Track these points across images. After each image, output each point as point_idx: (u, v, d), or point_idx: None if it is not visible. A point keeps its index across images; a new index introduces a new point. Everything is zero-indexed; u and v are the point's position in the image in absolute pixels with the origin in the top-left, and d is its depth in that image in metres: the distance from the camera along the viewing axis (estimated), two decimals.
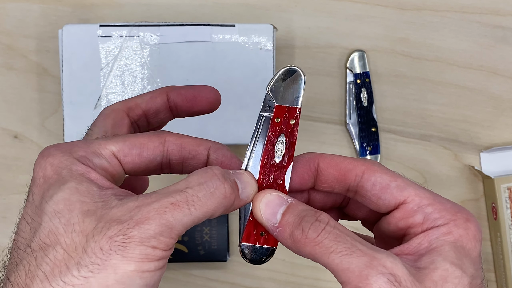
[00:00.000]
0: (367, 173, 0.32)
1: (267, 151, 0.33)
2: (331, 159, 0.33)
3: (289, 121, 0.34)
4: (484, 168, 0.58)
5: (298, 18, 0.58)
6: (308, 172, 0.33)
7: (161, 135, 0.33)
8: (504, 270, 0.56)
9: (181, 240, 0.56)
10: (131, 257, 0.26)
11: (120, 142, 0.32)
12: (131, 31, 0.51)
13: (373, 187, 0.31)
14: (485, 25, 0.58)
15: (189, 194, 0.28)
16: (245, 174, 0.32)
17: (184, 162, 0.34)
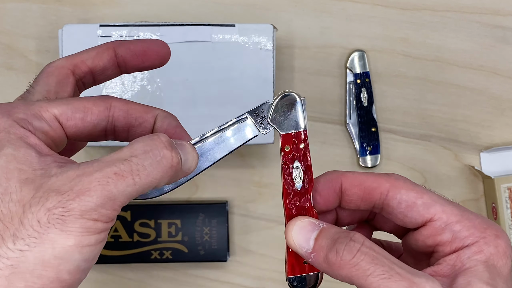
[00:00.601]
0: (392, 190, 0.31)
1: (286, 182, 0.33)
2: (354, 178, 0.32)
3: (299, 145, 0.34)
4: (484, 168, 0.58)
5: (298, 18, 0.58)
6: (332, 194, 0.33)
7: (107, 99, 0.32)
8: None
9: (181, 240, 0.56)
10: (71, 231, 0.25)
11: (63, 105, 0.30)
12: (131, 31, 0.51)
13: (398, 205, 0.31)
14: (485, 25, 0.58)
15: (133, 163, 0.26)
16: (187, 146, 0.31)
17: (129, 129, 0.32)
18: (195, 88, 0.51)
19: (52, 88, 0.33)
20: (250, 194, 0.58)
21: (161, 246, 0.56)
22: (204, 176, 0.58)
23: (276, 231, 0.58)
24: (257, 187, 0.58)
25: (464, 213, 0.29)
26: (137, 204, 0.57)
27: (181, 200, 0.58)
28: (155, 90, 0.51)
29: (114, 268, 0.57)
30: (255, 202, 0.58)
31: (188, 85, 0.51)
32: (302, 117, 0.34)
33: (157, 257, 0.56)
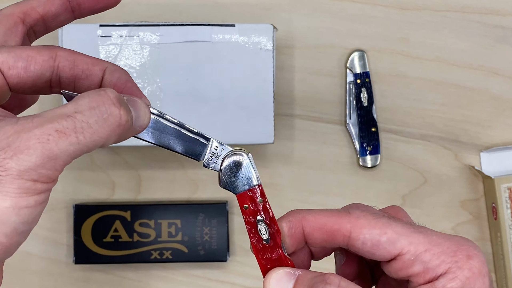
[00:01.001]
0: (354, 231, 0.30)
1: (253, 237, 0.33)
2: (315, 221, 0.31)
3: (257, 201, 0.33)
4: (484, 168, 0.58)
5: (298, 18, 0.58)
6: (296, 239, 0.32)
7: (52, 49, 0.30)
8: (504, 270, 0.56)
9: (181, 240, 0.56)
10: (7, 192, 0.23)
11: (4, 53, 0.28)
12: (131, 31, 0.51)
13: (363, 245, 0.29)
14: (485, 25, 0.58)
15: (77, 120, 0.25)
16: (139, 102, 0.29)
17: (76, 81, 0.30)
18: (195, 88, 0.51)
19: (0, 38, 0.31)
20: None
21: (161, 246, 0.56)
22: (204, 176, 0.58)
23: None
24: None
25: (432, 239, 0.28)
26: (137, 204, 0.57)
27: (181, 200, 0.58)
28: (155, 90, 0.51)
29: (114, 268, 0.57)
30: None
31: (188, 85, 0.51)
32: (253, 173, 0.33)
33: (157, 257, 0.56)
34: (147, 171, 0.58)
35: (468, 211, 0.59)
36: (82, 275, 0.57)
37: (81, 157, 0.58)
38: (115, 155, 0.58)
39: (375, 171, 0.58)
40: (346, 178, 0.58)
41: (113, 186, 0.58)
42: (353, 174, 0.58)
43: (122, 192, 0.58)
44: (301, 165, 0.58)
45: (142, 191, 0.58)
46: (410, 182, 0.58)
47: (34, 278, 0.58)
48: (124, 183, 0.58)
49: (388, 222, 0.29)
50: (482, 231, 0.59)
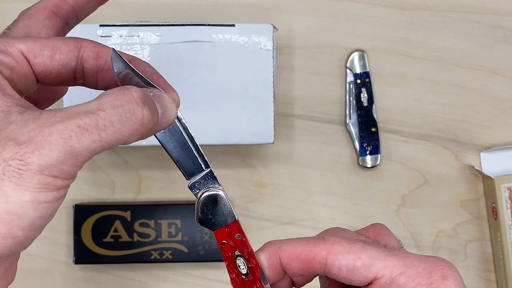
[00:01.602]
0: (329, 258, 0.30)
1: (232, 272, 0.32)
2: (291, 251, 0.31)
3: (234, 237, 0.33)
4: (484, 168, 0.58)
5: (298, 18, 0.58)
6: (275, 270, 0.32)
7: (77, 39, 0.30)
8: (504, 270, 0.56)
9: (181, 240, 0.56)
10: (27, 186, 0.23)
11: (31, 41, 0.28)
12: (131, 31, 0.51)
13: (340, 271, 0.29)
14: (485, 25, 0.58)
15: (100, 118, 0.25)
16: (166, 97, 0.29)
17: (99, 73, 0.30)
18: (195, 88, 0.52)
19: (33, 31, 0.31)
20: (250, 194, 0.58)
21: (161, 246, 0.56)
22: None
23: (276, 231, 0.58)
24: (257, 187, 0.58)
25: (407, 262, 0.28)
26: (137, 204, 0.57)
27: (181, 200, 0.58)
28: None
29: (114, 268, 0.57)
30: (255, 202, 0.58)
31: (188, 85, 0.51)
32: (230, 209, 0.34)
33: (157, 257, 0.56)
34: (147, 171, 0.58)
35: (468, 211, 0.59)
36: (82, 275, 0.58)
37: None
38: (115, 155, 0.58)
39: (375, 171, 0.58)
40: (346, 178, 0.58)
41: (113, 186, 0.58)
42: (353, 174, 0.58)
43: (122, 192, 0.58)
44: (301, 165, 0.58)
45: (142, 191, 0.58)
46: (410, 182, 0.58)
47: (34, 278, 0.58)
48: (124, 183, 0.58)
49: (363, 247, 0.29)
50: (482, 231, 0.59)
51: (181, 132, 0.34)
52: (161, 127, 0.29)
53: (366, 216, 0.58)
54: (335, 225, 0.58)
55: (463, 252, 0.59)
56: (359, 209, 0.58)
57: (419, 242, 0.58)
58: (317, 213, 0.58)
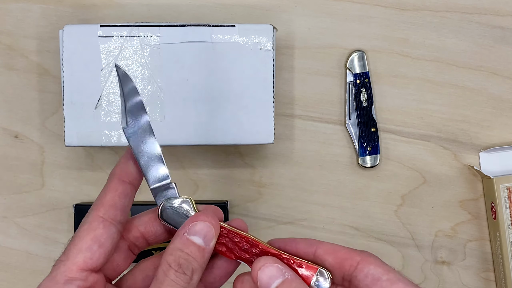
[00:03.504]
0: (361, 263, 0.34)
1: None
2: (329, 247, 0.35)
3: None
4: (484, 168, 0.58)
5: (298, 19, 0.58)
6: (306, 254, 0.35)
7: None
8: (503, 269, 0.56)
9: None
10: None
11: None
12: (132, 32, 0.51)
13: (365, 277, 0.33)
14: (484, 26, 0.58)
15: None
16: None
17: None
18: (195, 89, 0.52)
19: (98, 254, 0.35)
20: (250, 194, 0.58)
21: (161, 245, 0.56)
22: (204, 176, 0.58)
23: (276, 231, 0.58)
24: (257, 187, 0.58)
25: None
26: (137, 204, 0.57)
27: None
28: (155, 90, 0.51)
29: None
30: (255, 202, 0.58)
31: (188, 85, 0.52)
32: (188, 208, 0.37)
33: None
34: None
35: (467, 211, 0.59)
36: None
37: (81, 157, 0.58)
38: (116, 155, 0.58)
39: (375, 171, 0.59)
40: (345, 178, 0.58)
41: None
42: (352, 174, 0.58)
43: None
44: (301, 165, 0.58)
45: (142, 191, 0.58)
46: (410, 182, 0.59)
47: (35, 277, 0.58)
48: None
49: (393, 270, 0.34)
50: (481, 230, 0.59)
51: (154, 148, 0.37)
52: None
53: (365, 216, 0.58)
54: (335, 225, 0.58)
55: (462, 252, 0.59)
56: (358, 209, 0.58)
57: (418, 242, 0.59)
58: (317, 213, 0.58)
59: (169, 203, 0.37)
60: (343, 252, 0.35)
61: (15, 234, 0.58)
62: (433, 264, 0.59)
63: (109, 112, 0.51)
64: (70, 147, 0.54)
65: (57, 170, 0.58)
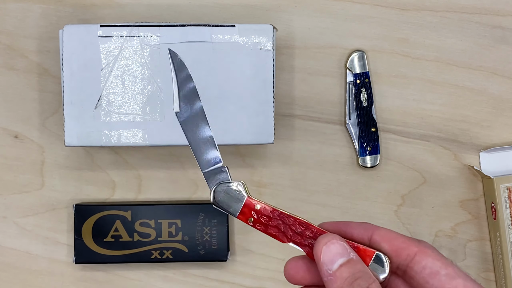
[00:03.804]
0: (419, 255, 0.32)
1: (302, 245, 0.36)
2: (386, 233, 0.34)
3: (255, 209, 0.37)
4: (484, 168, 0.58)
5: (298, 19, 0.58)
6: (361, 239, 0.34)
7: None
8: (503, 269, 0.56)
9: (181, 240, 0.56)
10: None
11: None
12: (132, 32, 0.51)
13: (423, 270, 0.32)
14: (484, 26, 0.58)
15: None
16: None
17: None
18: None
19: None
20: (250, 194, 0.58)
21: (161, 245, 0.56)
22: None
23: None
24: (257, 187, 0.58)
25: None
26: (137, 204, 0.57)
27: (181, 200, 0.58)
28: (155, 90, 0.51)
29: (115, 268, 0.58)
30: None
31: None
32: (241, 190, 0.37)
33: (158, 256, 0.56)
34: (148, 171, 0.58)
35: (468, 211, 0.59)
36: (82, 274, 0.58)
37: (81, 157, 0.58)
38: (116, 155, 0.58)
39: (375, 171, 0.58)
40: (345, 178, 0.58)
41: (114, 186, 0.58)
42: (352, 174, 0.58)
43: (123, 192, 0.58)
44: (301, 165, 0.58)
45: (143, 191, 0.58)
46: (410, 182, 0.59)
47: (35, 277, 0.58)
48: (125, 183, 0.58)
49: (451, 263, 0.32)
50: (481, 231, 0.59)
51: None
52: None
53: (365, 216, 0.58)
54: None
55: (462, 252, 0.59)
56: (358, 209, 0.58)
57: None
58: (317, 213, 0.58)
59: (221, 187, 0.37)
60: (400, 240, 0.33)
61: (15, 234, 0.58)
62: None
63: (109, 112, 0.51)
64: (70, 147, 0.54)
65: (57, 170, 0.58)
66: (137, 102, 0.51)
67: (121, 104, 0.51)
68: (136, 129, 0.51)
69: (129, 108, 0.51)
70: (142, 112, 0.51)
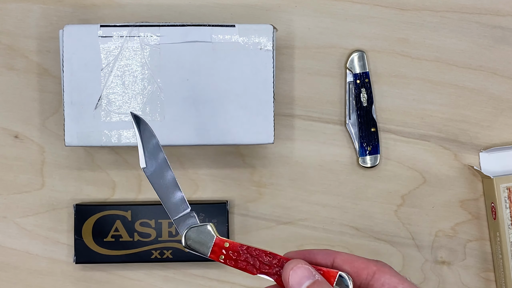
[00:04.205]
0: (378, 273, 0.36)
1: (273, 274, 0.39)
2: (347, 256, 0.37)
3: (224, 246, 0.39)
4: (484, 168, 0.58)
5: (298, 19, 0.58)
6: (325, 264, 0.37)
7: None
8: (503, 269, 0.56)
9: None
10: None
11: None
12: (132, 32, 0.51)
13: (381, 286, 0.35)
14: (484, 26, 0.58)
15: None
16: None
17: None
18: (195, 89, 0.52)
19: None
20: (250, 194, 0.58)
21: (161, 245, 0.56)
22: (204, 176, 0.58)
23: (276, 231, 0.58)
24: (257, 187, 0.58)
25: None
26: (137, 204, 0.57)
27: None
28: (155, 90, 0.51)
29: (115, 268, 0.58)
30: (255, 202, 0.58)
31: (188, 85, 0.52)
32: (210, 231, 0.39)
33: (158, 256, 0.56)
34: None
35: (467, 211, 0.59)
36: (82, 274, 0.58)
37: (81, 157, 0.58)
38: (116, 155, 0.58)
39: (375, 171, 0.59)
40: (345, 178, 0.58)
41: (114, 186, 0.58)
42: (352, 174, 0.58)
43: (123, 191, 0.58)
44: (301, 165, 0.58)
45: (143, 190, 0.58)
46: (410, 182, 0.59)
47: (35, 277, 0.58)
48: (125, 182, 0.58)
49: (407, 280, 0.36)
50: (481, 230, 0.59)
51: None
52: None
53: (365, 216, 0.58)
54: (335, 225, 0.58)
55: (462, 252, 0.59)
56: (358, 209, 0.58)
57: (418, 242, 0.59)
58: (317, 213, 0.58)
59: (192, 231, 0.39)
60: (360, 261, 0.36)
61: (15, 234, 0.58)
62: (433, 264, 0.59)
63: (109, 112, 0.51)
64: (70, 147, 0.54)
65: (57, 170, 0.58)
66: (137, 102, 0.51)
67: (121, 104, 0.51)
68: None
69: (129, 108, 0.51)
70: (142, 112, 0.51)
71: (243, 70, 0.52)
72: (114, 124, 0.51)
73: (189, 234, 0.39)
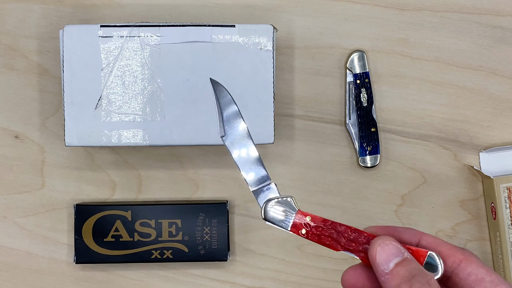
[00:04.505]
0: (464, 262, 0.34)
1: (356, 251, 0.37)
2: (433, 239, 0.35)
3: (307, 220, 0.38)
4: (484, 168, 0.58)
5: (298, 19, 0.58)
6: (409, 243, 0.35)
7: None
8: (503, 270, 0.56)
9: (181, 240, 0.56)
10: None
11: None
12: (132, 32, 0.51)
13: (468, 276, 0.33)
14: (484, 26, 0.58)
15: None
16: None
17: None
18: (195, 89, 0.52)
19: None
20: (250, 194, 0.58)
21: (161, 245, 0.56)
22: (204, 176, 0.58)
23: (276, 231, 0.58)
24: None
25: None
26: (137, 204, 0.57)
27: (182, 200, 0.58)
28: (156, 90, 0.52)
29: (115, 268, 0.58)
30: (255, 202, 0.58)
31: (188, 85, 0.52)
32: (292, 202, 0.38)
33: (158, 256, 0.56)
34: (148, 171, 0.58)
35: (467, 211, 0.59)
36: (83, 274, 0.58)
37: (81, 157, 0.58)
38: (116, 155, 0.58)
39: (375, 171, 0.59)
40: (345, 178, 0.58)
41: (114, 186, 0.58)
42: (352, 174, 0.58)
43: (123, 192, 0.58)
44: (301, 165, 0.58)
45: (143, 191, 0.58)
46: (410, 182, 0.59)
47: (35, 277, 0.58)
48: (125, 183, 0.58)
49: (494, 272, 0.34)
50: (481, 230, 0.59)
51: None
52: None
53: (365, 216, 0.58)
54: None
55: None
56: (358, 209, 0.58)
57: None
58: (317, 213, 0.58)
59: (271, 204, 0.38)
60: (447, 247, 0.35)
61: (15, 234, 0.58)
62: None
63: (109, 112, 0.51)
64: (70, 147, 0.54)
65: (57, 170, 0.58)
66: (137, 102, 0.51)
67: (122, 104, 0.51)
68: (136, 129, 0.52)
69: (129, 108, 0.51)
70: (143, 112, 0.51)
71: (243, 70, 0.52)
72: (114, 124, 0.51)
73: (268, 206, 0.38)
